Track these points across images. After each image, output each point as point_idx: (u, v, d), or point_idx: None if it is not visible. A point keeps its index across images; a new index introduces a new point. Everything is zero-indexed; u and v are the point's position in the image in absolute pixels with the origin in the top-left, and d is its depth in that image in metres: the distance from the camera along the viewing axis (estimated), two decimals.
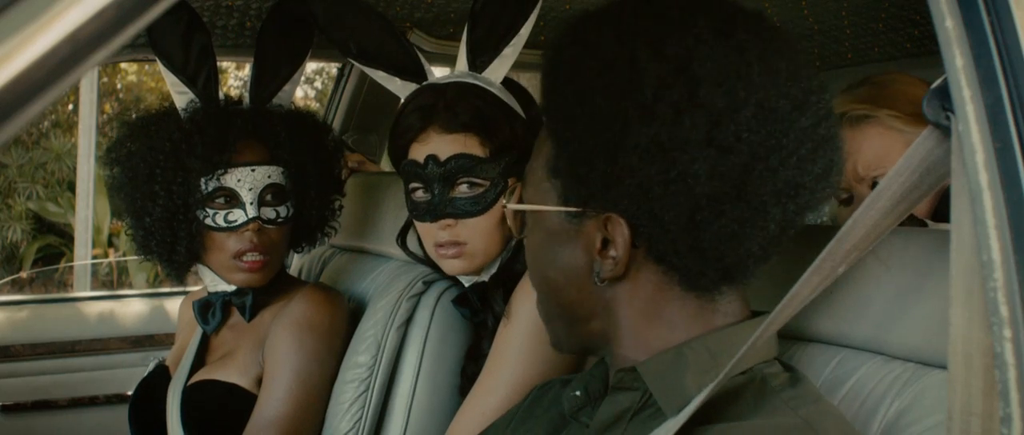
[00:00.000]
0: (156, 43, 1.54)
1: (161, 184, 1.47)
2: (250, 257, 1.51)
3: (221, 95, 1.57)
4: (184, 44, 1.53)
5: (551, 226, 0.87)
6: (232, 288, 1.57)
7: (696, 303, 0.84)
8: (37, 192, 7.44)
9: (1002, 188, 0.67)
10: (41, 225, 7.55)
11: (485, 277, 1.44)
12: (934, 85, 0.72)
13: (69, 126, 8.18)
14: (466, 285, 1.48)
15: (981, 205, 0.67)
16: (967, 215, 0.69)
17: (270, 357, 1.50)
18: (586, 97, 0.81)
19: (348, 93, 2.27)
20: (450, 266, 1.42)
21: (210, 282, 1.59)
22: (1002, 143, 0.67)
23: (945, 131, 0.72)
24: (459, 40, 1.47)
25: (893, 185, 0.75)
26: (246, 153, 1.51)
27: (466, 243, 1.38)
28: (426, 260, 1.51)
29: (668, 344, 0.84)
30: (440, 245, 1.40)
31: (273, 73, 1.61)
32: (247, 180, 1.50)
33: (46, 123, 7.91)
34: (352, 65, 2.25)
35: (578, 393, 0.93)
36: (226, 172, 1.49)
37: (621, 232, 0.81)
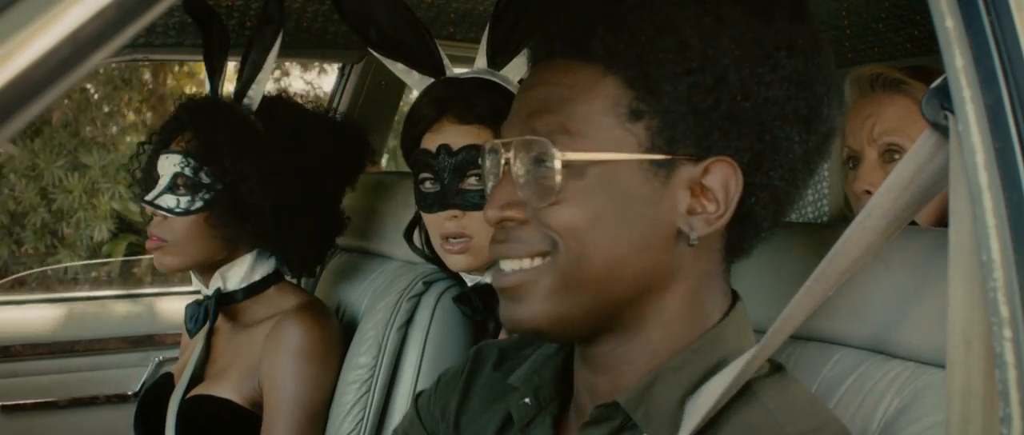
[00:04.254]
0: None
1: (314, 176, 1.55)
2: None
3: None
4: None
5: (623, 181, 0.74)
6: (241, 287, 1.57)
7: (721, 285, 0.81)
8: (119, 192, 7.45)
9: (1002, 188, 0.67)
10: (123, 224, 7.56)
11: (488, 279, 1.44)
12: (934, 85, 0.72)
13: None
14: (469, 284, 1.48)
15: (981, 205, 0.67)
16: (967, 215, 0.69)
17: (268, 385, 1.50)
18: (716, 27, 0.74)
19: (348, 93, 2.27)
20: (454, 261, 1.40)
21: (198, 285, 1.61)
22: (1002, 143, 0.67)
23: (944, 131, 0.72)
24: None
25: (884, 201, 0.74)
26: None
27: (472, 237, 1.37)
28: (431, 257, 1.51)
29: (698, 332, 0.79)
30: (446, 238, 1.39)
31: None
32: None
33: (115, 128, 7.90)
34: (352, 66, 2.25)
35: (528, 401, 0.85)
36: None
37: (734, 178, 0.75)
